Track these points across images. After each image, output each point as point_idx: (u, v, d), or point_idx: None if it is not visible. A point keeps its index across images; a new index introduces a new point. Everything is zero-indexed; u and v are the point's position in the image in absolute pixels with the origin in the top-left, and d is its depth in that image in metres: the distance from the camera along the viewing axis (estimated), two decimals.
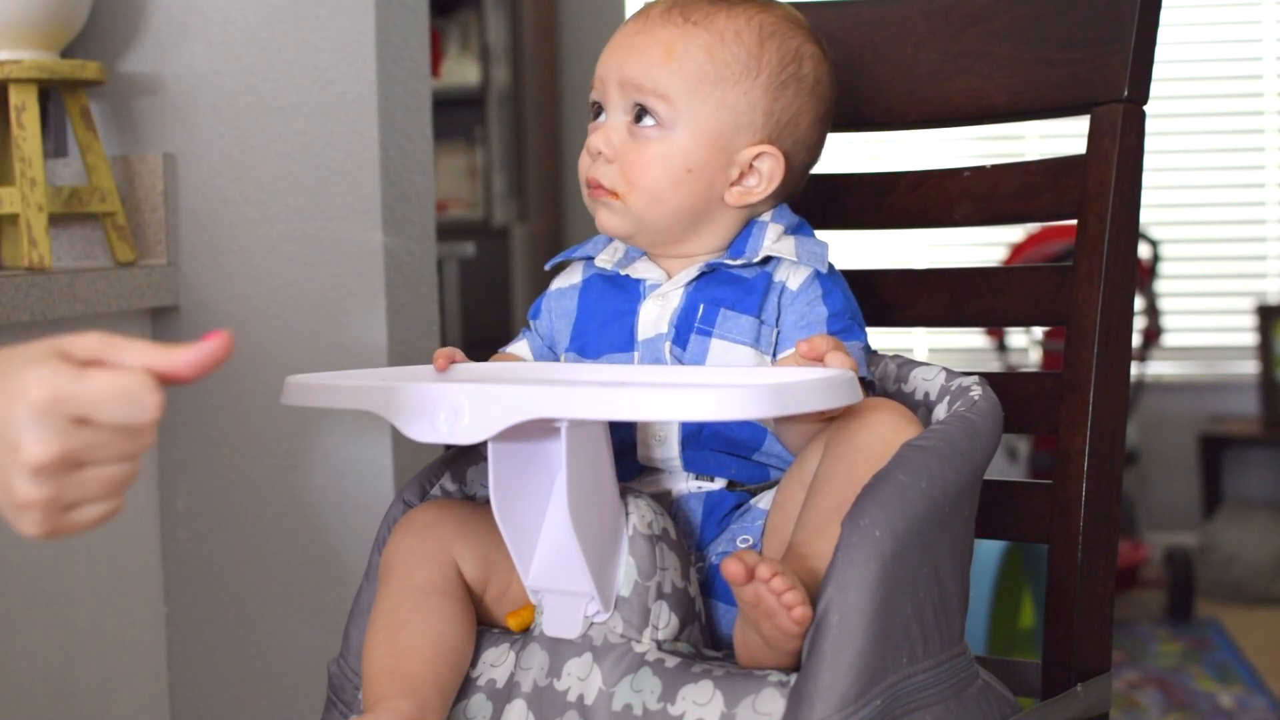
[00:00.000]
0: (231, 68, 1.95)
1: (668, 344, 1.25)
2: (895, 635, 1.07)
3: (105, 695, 1.91)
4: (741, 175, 1.27)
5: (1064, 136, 4.55)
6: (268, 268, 1.95)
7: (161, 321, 1.98)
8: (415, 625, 1.15)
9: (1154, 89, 1.37)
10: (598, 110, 1.29)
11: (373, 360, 1.92)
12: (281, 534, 1.97)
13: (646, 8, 1.29)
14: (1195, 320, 4.73)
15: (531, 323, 1.35)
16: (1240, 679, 3.46)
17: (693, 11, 1.27)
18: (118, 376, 0.87)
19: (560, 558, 1.12)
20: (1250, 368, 4.61)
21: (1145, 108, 1.35)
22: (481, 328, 4.27)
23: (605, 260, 1.32)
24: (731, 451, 1.24)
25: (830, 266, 1.27)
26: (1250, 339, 4.61)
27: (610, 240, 1.33)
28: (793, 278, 1.26)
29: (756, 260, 1.26)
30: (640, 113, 1.25)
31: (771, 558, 1.07)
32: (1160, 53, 1.36)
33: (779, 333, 1.25)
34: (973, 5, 1.43)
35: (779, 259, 1.27)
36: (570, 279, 1.34)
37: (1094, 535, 1.32)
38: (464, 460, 1.31)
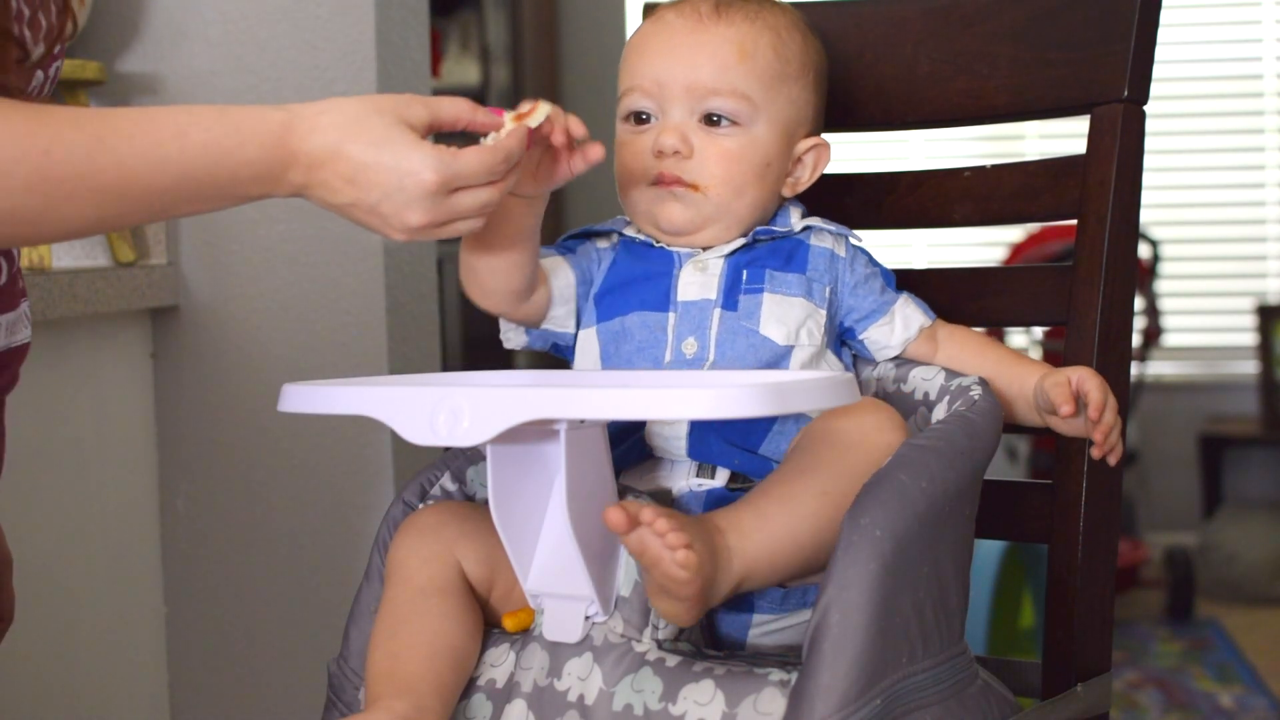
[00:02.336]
0: (231, 68, 1.95)
1: (717, 310, 1.25)
2: (895, 635, 1.07)
3: (105, 695, 1.91)
4: (793, 167, 1.31)
5: (1064, 136, 4.54)
6: (268, 268, 1.95)
7: (161, 321, 1.98)
8: (413, 625, 1.15)
9: (1154, 89, 1.37)
10: (641, 116, 1.28)
11: (373, 360, 1.92)
12: (281, 534, 1.97)
13: (683, 6, 1.28)
14: (1195, 320, 4.73)
15: (569, 254, 1.32)
16: (1240, 679, 3.46)
17: (742, 7, 1.28)
18: (485, 155, 1.10)
19: (559, 561, 1.12)
20: (1250, 368, 4.61)
21: (1145, 108, 1.35)
22: (481, 328, 4.26)
23: (633, 232, 1.32)
24: (738, 443, 1.24)
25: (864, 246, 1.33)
26: (1250, 339, 4.61)
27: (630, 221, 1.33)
28: (836, 245, 1.30)
29: (798, 230, 1.30)
30: (711, 114, 1.26)
31: (658, 506, 1.07)
32: (1160, 53, 1.36)
33: (833, 290, 1.29)
34: (973, 5, 1.43)
35: (810, 228, 1.30)
36: (600, 243, 1.33)
37: (1094, 535, 1.32)
38: (464, 460, 1.31)
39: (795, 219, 1.31)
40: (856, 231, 1.33)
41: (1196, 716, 3.22)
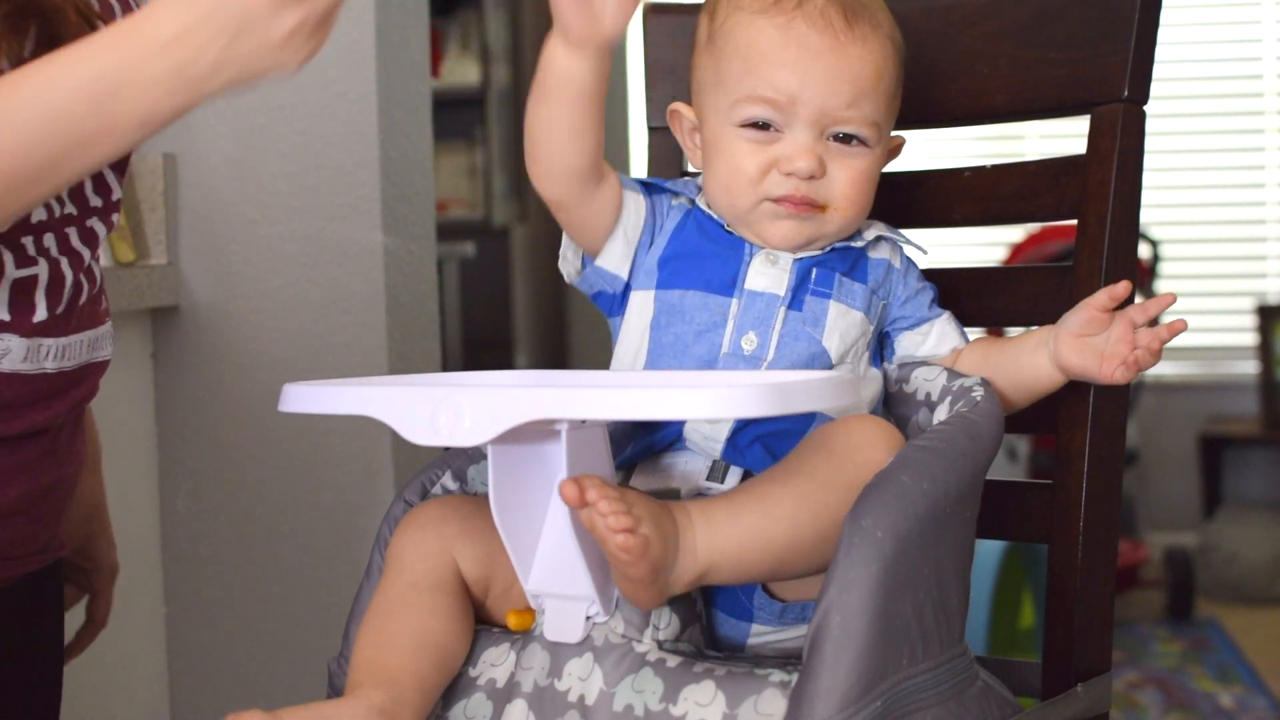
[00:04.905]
0: None
1: (783, 308, 1.24)
2: (896, 636, 1.07)
3: (105, 695, 1.91)
4: None
5: (1064, 136, 4.55)
6: (268, 268, 1.95)
7: (161, 321, 1.98)
8: (402, 618, 1.15)
9: (1154, 89, 1.37)
10: (757, 123, 1.24)
11: (373, 360, 1.92)
12: (281, 534, 1.97)
13: (812, 13, 1.23)
14: (1195, 320, 4.72)
15: (646, 194, 1.29)
16: (1240, 679, 3.46)
17: (866, 14, 1.25)
18: None
19: (560, 561, 1.12)
20: (1250, 368, 4.61)
21: (1145, 108, 1.35)
22: (481, 328, 4.27)
23: (705, 205, 1.29)
24: (774, 449, 1.23)
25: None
26: (1250, 339, 4.61)
27: (701, 190, 1.30)
28: (893, 255, 1.30)
29: (870, 240, 1.29)
30: (841, 133, 1.24)
31: (609, 483, 1.06)
32: (1160, 53, 1.36)
33: (886, 305, 1.29)
34: (973, 5, 1.43)
35: (881, 239, 1.30)
36: (672, 200, 1.30)
37: (1094, 535, 1.32)
38: (465, 459, 1.31)
39: (864, 226, 1.30)
40: (910, 235, 1.33)
41: (1196, 716, 3.22)
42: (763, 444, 1.22)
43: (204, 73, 1.05)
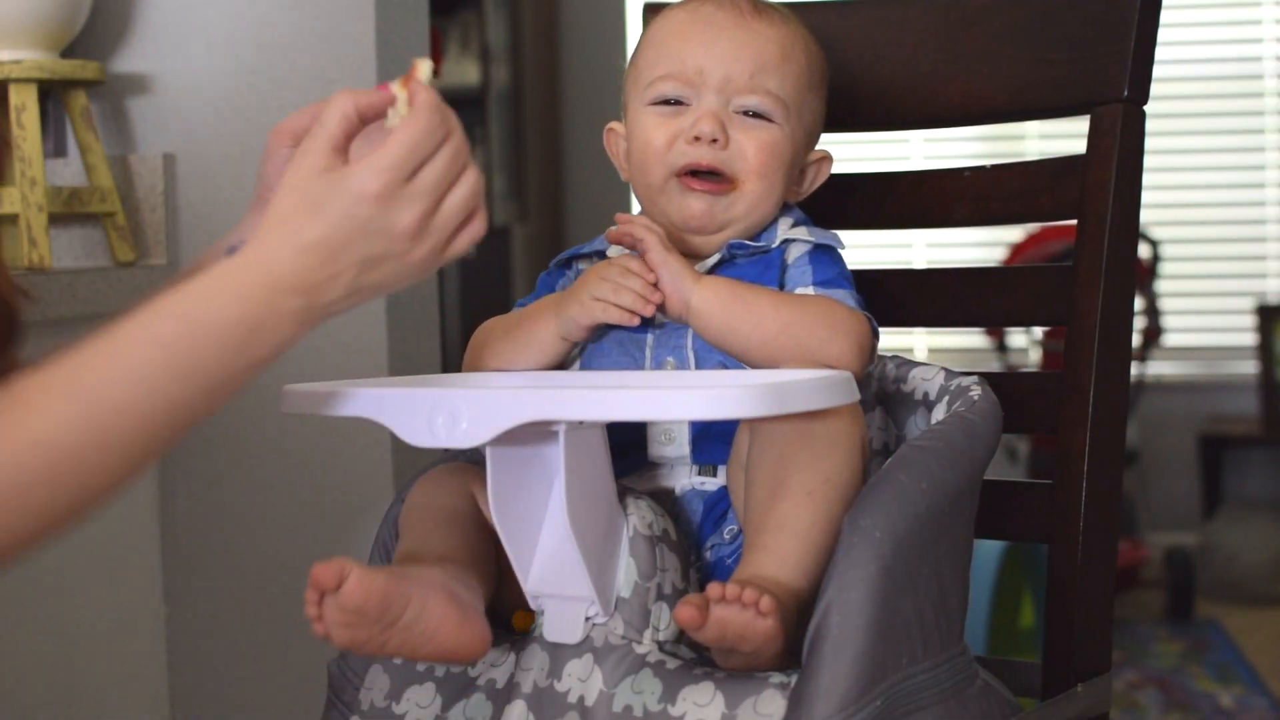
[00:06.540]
0: (231, 68, 1.95)
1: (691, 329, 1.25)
2: (895, 636, 1.07)
3: (105, 695, 1.91)
4: (798, 177, 1.31)
5: (1064, 136, 4.54)
6: None
7: None
8: (439, 536, 1.16)
9: (1154, 89, 1.37)
10: (668, 101, 1.27)
11: (373, 360, 1.92)
12: (281, 534, 1.97)
13: (725, 1, 1.27)
14: (1195, 320, 4.73)
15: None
16: (1240, 679, 3.46)
17: (776, 9, 1.28)
18: (408, 129, 0.99)
19: (559, 563, 1.12)
20: (1250, 368, 4.61)
21: (1145, 108, 1.35)
22: None
23: (614, 253, 1.31)
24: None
25: (835, 250, 1.29)
26: (1250, 339, 4.61)
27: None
28: (791, 252, 1.29)
29: (775, 245, 1.28)
30: (746, 110, 1.25)
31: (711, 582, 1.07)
32: (1160, 53, 1.36)
33: None
34: (973, 5, 1.43)
35: (790, 242, 1.29)
36: (582, 266, 1.33)
37: (1094, 535, 1.32)
38: (464, 460, 1.31)
39: (782, 230, 1.29)
40: (844, 236, 1.32)
41: (1196, 716, 3.22)
42: (727, 444, 1.23)
43: (337, 298, 1.02)
